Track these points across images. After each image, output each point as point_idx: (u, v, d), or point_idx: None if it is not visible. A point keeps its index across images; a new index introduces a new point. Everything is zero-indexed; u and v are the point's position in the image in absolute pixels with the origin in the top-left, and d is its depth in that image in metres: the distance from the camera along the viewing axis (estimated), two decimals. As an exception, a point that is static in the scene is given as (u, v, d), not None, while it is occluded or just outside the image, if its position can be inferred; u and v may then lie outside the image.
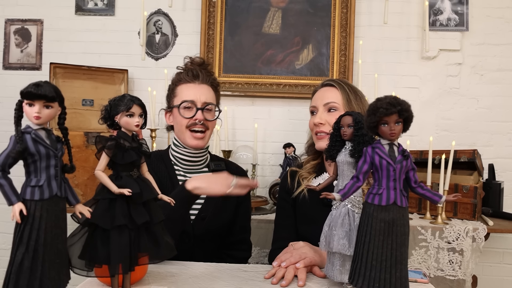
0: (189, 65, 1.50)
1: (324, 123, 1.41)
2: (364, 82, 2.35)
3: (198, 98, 1.42)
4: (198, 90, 1.44)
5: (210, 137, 1.49)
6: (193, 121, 1.41)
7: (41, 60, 2.53)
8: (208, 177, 1.27)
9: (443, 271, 1.85)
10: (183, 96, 1.43)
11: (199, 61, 1.51)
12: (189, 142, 1.42)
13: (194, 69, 1.46)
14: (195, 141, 1.42)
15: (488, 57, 2.46)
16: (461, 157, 2.02)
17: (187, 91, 1.44)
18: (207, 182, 1.23)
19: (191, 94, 1.43)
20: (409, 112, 0.84)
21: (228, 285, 1.05)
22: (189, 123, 1.41)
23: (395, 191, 0.86)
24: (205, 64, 1.52)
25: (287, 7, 2.47)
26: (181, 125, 1.43)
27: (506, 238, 2.41)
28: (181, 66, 1.52)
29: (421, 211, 2.10)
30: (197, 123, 1.41)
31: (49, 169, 0.78)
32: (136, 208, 0.88)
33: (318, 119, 1.42)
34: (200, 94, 1.43)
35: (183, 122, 1.42)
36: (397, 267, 0.85)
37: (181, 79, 1.47)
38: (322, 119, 1.41)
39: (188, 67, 1.49)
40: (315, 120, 1.43)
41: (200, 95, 1.43)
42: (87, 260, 0.86)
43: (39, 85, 0.76)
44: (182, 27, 2.52)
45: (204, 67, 1.50)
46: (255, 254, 1.94)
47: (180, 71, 1.50)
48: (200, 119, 1.41)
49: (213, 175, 1.28)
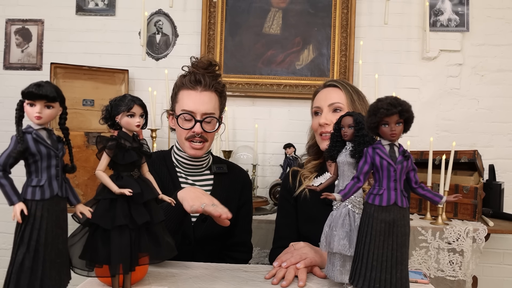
0: (194, 66, 1.42)
1: (329, 123, 1.39)
2: (365, 83, 2.35)
3: (197, 109, 1.37)
4: (199, 100, 1.38)
5: (209, 147, 1.46)
6: (191, 133, 1.38)
7: (41, 60, 2.53)
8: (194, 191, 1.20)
9: (444, 272, 1.85)
10: (183, 105, 1.39)
11: (205, 64, 1.41)
12: (188, 152, 1.41)
13: (197, 74, 1.39)
14: (193, 151, 1.40)
15: (489, 58, 2.46)
16: (462, 158, 2.02)
17: (188, 100, 1.39)
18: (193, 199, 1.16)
19: (191, 104, 1.38)
20: (410, 113, 0.84)
21: (228, 285, 1.05)
22: (188, 134, 1.38)
23: (396, 191, 0.86)
24: (212, 66, 1.42)
25: (288, 8, 2.47)
26: (181, 135, 1.41)
27: (507, 239, 2.41)
28: (186, 66, 1.44)
29: (421, 212, 2.10)
30: (196, 135, 1.37)
31: (50, 169, 0.78)
32: (137, 208, 0.88)
33: (324, 119, 1.41)
34: (200, 104, 1.37)
35: (182, 133, 1.39)
36: (397, 267, 0.85)
37: (184, 84, 1.40)
38: (327, 119, 1.40)
39: (192, 70, 1.41)
40: (321, 121, 1.42)
41: (200, 106, 1.37)
42: (87, 260, 0.86)
43: (40, 85, 0.76)
44: (182, 28, 2.52)
45: (210, 70, 1.41)
46: (255, 254, 1.94)
47: (184, 74, 1.44)
48: (198, 132, 1.37)
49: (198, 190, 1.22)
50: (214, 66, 1.43)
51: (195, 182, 1.45)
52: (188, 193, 1.19)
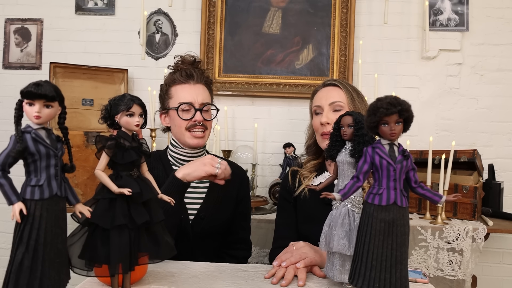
0: (180, 64, 1.47)
1: (331, 122, 1.38)
2: (364, 82, 2.35)
3: (195, 99, 1.42)
4: (195, 91, 1.43)
5: (209, 135, 1.49)
6: (192, 123, 1.41)
7: (41, 60, 2.52)
8: (193, 162, 1.28)
9: (443, 271, 1.85)
10: (180, 98, 1.42)
11: (190, 60, 1.48)
12: (190, 142, 1.42)
13: (187, 69, 1.44)
14: (195, 140, 1.42)
15: (488, 57, 2.46)
16: (461, 157, 2.02)
17: (183, 93, 1.42)
18: (194, 166, 1.25)
19: (187, 95, 1.42)
20: (410, 112, 0.84)
21: (228, 285, 1.05)
22: (189, 124, 1.41)
23: (395, 191, 0.86)
24: (197, 62, 1.49)
25: (287, 7, 2.47)
26: (180, 126, 1.42)
27: (506, 238, 2.41)
28: (171, 65, 1.49)
29: (421, 211, 2.10)
30: (197, 124, 1.41)
31: (49, 168, 0.78)
32: (136, 208, 0.88)
33: (325, 118, 1.40)
34: (196, 94, 1.42)
35: (182, 124, 1.41)
36: (397, 267, 0.85)
37: (175, 80, 1.44)
38: (329, 118, 1.40)
39: (180, 67, 1.46)
40: (322, 120, 1.41)
41: (197, 96, 1.42)
42: (87, 259, 0.85)
43: (39, 85, 0.75)
44: (182, 27, 2.52)
45: (196, 65, 1.48)
46: (255, 254, 1.94)
47: (173, 71, 1.48)
48: (200, 121, 1.41)
49: (197, 159, 1.29)
50: (198, 63, 1.50)
51: None
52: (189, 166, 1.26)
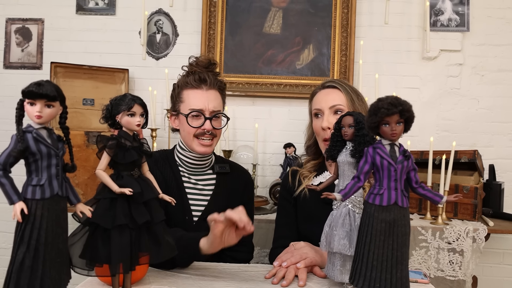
0: (194, 65, 1.43)
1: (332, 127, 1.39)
2: (365, 83, 2.35)
3: (206, 107, 1.38)
4: (206, 98, 1.39)
5: (217, 143, 1.47)
6: (201, 131, 1.38)
7: (41, 60, 2.53)
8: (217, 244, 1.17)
9: (444, 272, 1.85)
10: (190, 104, 1.39)
11: (205, 63, 1.43)
12: (197, 149, 1.40)
13: (201, 73, 1.40)
14: (202, 148, 1.40)
15: (489, 58, 2.46)
16: (462, 158, 2.02)
17: (195, 99, 1.39)
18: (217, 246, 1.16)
19: (199, 102, 1.38)
20: (411, 113, 0.84)
21: (229, 285, 1.05)
22: (197, 132, 1.38)
23: (396, 191, 0.86)
24: (211, 65, 1.44)
25: (288, 7, 2.47)
26: (189, 133, 1.40)
27: (506, 239, 2.41)
28: (186, 66, 1.45)
29: (421, 212, 2.10)
30: (206, 132, 1.38)
31: (50, 168, 0.78)
32: (137, 207, 0.88)
33: (326, 123, 1.39)
34: (208, 101, 1.38)
35: (191, 131, 1.39)
36: (398, 267, 0.85)
37: (188, 83, 1.41)
38: (329, 123, 1.38)
39: (194, 70, 1.42)
40: (323, 125, 1.40)
41: (208, 103, 1.38)
42: (88, 259, 0.86)
43: (40, 84, 0.76)
44: (182, 27, 2.52)
45: (210, 69, 1.43)
46: (255, 254, 1.93)
47: (186, 73, 1.44)
48: (209, 129, 1.38)
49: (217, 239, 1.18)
50: (213, 65, 1.45)
51: (198, 181, 1.45)
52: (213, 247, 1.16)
